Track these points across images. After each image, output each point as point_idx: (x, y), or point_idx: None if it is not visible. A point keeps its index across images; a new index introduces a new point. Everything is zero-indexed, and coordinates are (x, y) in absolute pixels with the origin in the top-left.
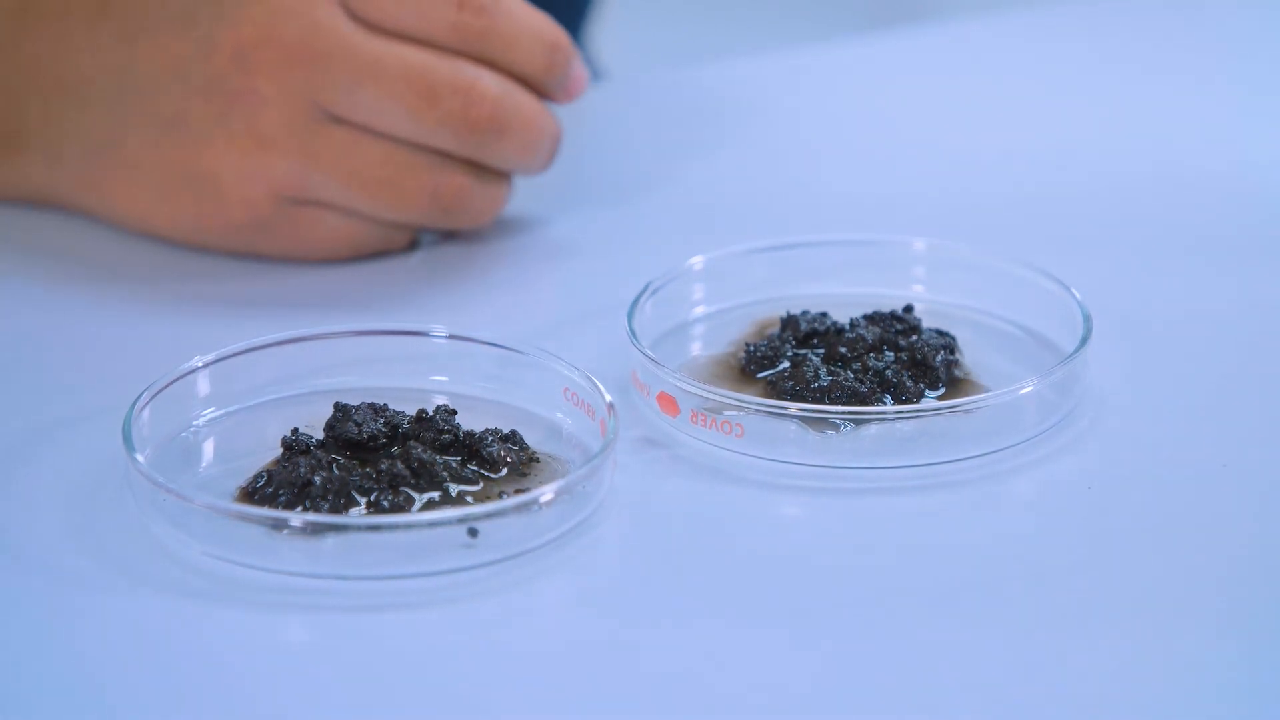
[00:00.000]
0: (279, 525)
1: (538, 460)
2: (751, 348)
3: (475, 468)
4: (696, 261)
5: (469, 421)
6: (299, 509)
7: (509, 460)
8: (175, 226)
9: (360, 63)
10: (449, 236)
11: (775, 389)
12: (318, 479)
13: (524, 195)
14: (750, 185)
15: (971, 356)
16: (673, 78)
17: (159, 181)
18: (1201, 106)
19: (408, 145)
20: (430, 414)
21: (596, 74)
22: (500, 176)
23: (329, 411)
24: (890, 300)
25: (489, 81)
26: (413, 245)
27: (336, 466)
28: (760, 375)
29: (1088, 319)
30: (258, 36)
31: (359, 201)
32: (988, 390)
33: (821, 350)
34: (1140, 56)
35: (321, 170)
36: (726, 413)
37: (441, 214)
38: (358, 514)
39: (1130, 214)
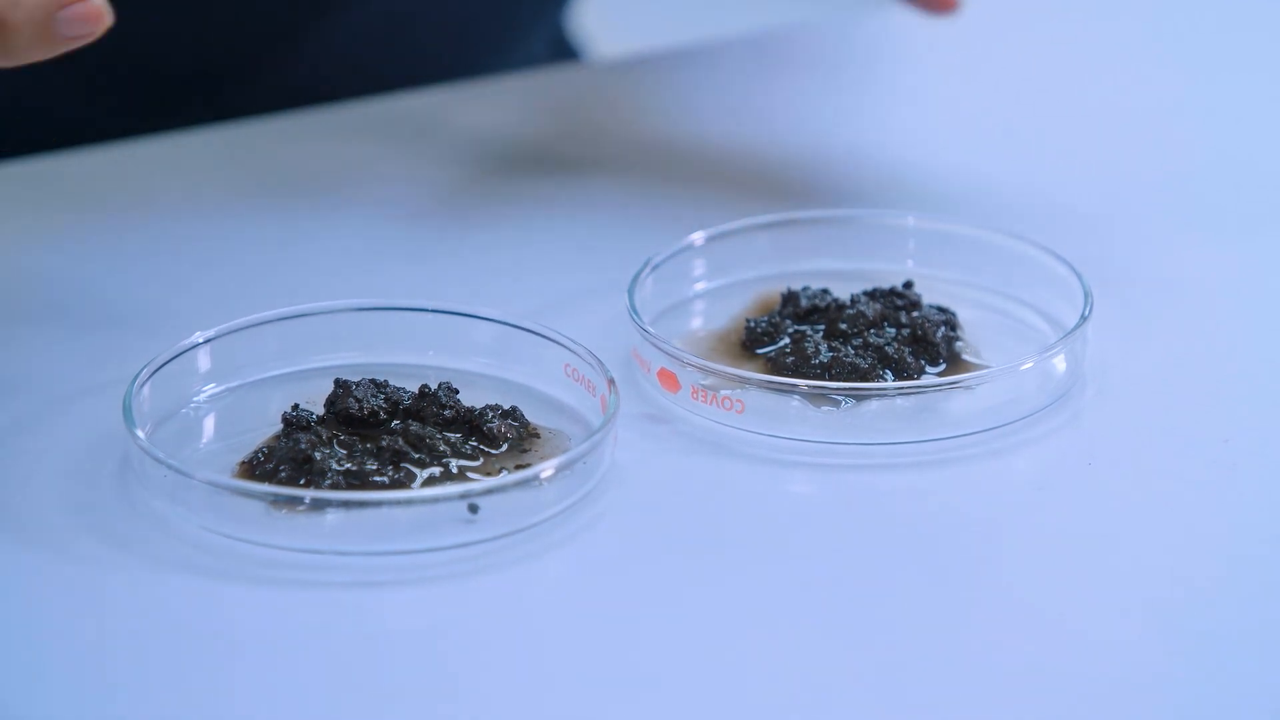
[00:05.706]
0: (279, 501)
1: (538, 436)
2: (752, 324)
3: (476, 443)
4: (697, 237)
5: (470, 397)
6: (299, 485)
7: (509, 436)
8: None
9: None
10: None
11: (776, 365)
12: (318, 455)
13: (526, 171)
14: (750, 161)
15: (972, 332)
16: (667, 55)
17: None
18: (1203, 76)
19: None
20: (432, 390)
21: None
22: None
23: (330, 387)
24: (891, 276)
25: None
26: None
27: (337, 443)
28: (761, 351)
29: (1088, 294)
30: None
31: None
32: (988, 366)
33: (822, 326)
34: (1137, 27)
35: None
36: (727, 389)
37: None
38: (358, 490)
39: (1131, 188)
